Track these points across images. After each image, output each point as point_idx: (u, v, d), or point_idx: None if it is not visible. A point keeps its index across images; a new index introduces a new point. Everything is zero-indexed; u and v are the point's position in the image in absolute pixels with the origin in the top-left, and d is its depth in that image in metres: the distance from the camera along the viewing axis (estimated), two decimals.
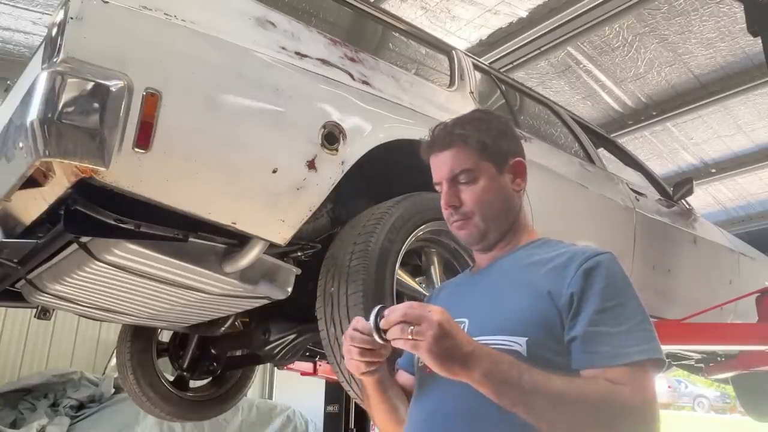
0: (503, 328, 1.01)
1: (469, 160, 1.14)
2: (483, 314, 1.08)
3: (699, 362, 3.73)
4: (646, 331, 0.96)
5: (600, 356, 0.94)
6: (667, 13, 4.22)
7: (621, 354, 0.93)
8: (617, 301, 0.97)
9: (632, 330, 0.95)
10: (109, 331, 6.51)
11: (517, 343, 0.97)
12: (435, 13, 4.30)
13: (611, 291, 0.98)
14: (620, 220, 2.93)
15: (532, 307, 1.01)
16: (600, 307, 0.96)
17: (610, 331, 0.95)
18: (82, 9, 1.31)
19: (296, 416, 6.78)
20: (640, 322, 0.97)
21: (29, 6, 4.28)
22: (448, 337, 0.87)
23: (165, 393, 2.79)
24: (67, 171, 1.30)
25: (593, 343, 0.95)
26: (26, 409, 5.41)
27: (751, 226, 6.96)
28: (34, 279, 1.88)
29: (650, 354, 0.94)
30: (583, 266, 1.00)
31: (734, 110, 5.29)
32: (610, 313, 0.96)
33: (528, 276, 1.06)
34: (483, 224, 1.14)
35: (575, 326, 0.96)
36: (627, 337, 0.94)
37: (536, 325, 0.99)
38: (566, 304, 0.98)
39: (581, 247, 1.07)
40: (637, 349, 0.93)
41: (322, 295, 1.73)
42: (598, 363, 0.94)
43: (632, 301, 0.99)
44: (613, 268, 1.01)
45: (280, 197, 1.58)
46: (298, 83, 1.66)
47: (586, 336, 0.95)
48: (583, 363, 0.95)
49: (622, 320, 0.96)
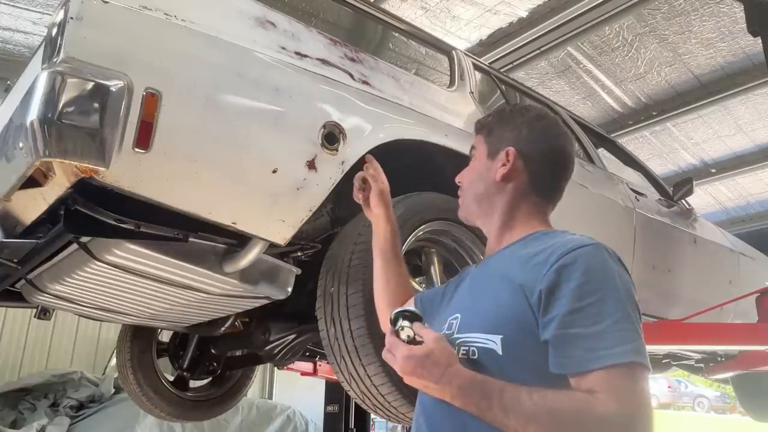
0: (481, 325, 1.00)
1: (476, 140, 1.24)
2: (470, 310, 1.08)
3: (699, 362, 3.72)
4: (624, 331, 0.87)
5: (572, 361, 0.87)
6: (667, 13, 4.21)
7: (593, 358, 0.85)
8: (593, 298, 0.89)
9: (608, 330, 0.87)
10: (109, 331, 6.51)
11: (492, 341, 0.96)
12: (435, 13, 4.30)
13: (586, 288, 0.90)
14: (620, 220, 2.92)
15: (506, 303, 0.97)
16: (572, 307, 0.89)
17: (582, 333, 0.87)
18: (82, 9, 1.31)
19: (296, 416, 6.79)
20: (617, 321, 0.88)
21: (29, 6, 4.28)
22: (422, 361, 0.92)
23: (165, 393, 2.80)
24: (67, 171, 1.30)
25: (564, 346, 0.88)
26: (26, 409, 5.41)
27: (751, 226, 6.96)
28: (34, 279, 1.88)
29: (628, 356, 0.85)
30: (558, 262, 0.93)
31: (734, 110, 5.28)
32: (583, 313, 0.88)
33: (509, 271, 1.03)
34: (465, 203, 1.22)
35: (547, 328, 0.90)
36: (602, 339, 0.86)
37: (511, 322, 0.95)
38: (536, 302, 0.92)
39: (566, 240, 1.00)
40: (611, 351, 0.85)
41: (322, 295, 1.74)
42: (571, 368, 0.87)
43: (611, 298, 0.90)
44: (592, 262, 0.93)
45: (280, 197, 1.58)
46: (298, 83, 1.66)
47: (556, 339, 0.89)
48: (556, 368, 0.89)
49: (597, 320, 0.87)
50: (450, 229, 1.95)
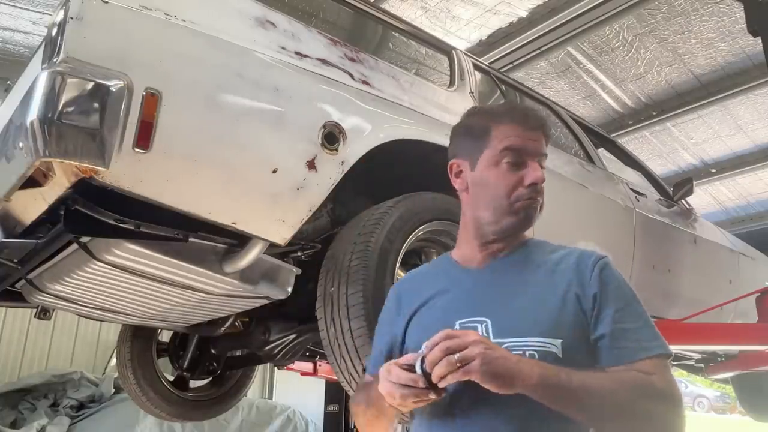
0: (536, 329, 1.01)
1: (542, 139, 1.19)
2: (507, 315, 1.04)
3: (699, 362, 3.73)
4: (654, 327, 1.04)
5: (628, 351, 1.00)
6: (667, 13, 4.21)
7: (644, 348, 1.00)
8: (628, 299, 1.05)
9: (647, 326, 1.03)
10: (109, 331, 6.51)
11: (553, 344, 1.00)
12: (435, 13, 4.30)
13: (623, 290, 1.06)
14: (620, 220, 2.92)
15: (562, 309, 1.04)
16: (619, 306, 1.03)
17: (632, 327, 1.02)
18: (82, 9, 1.31)
19: (296, 416, 6.78)
20: (648, 318, 1.05)
21: (29, 6, 4.27)
22: (495, 351, 0.89)
23: (165, 393, 2.80)
24: (67, 171, 1.30)
25: (620, 339, 1.01)
26: (26, 409, 5.42)
27: (751, 226, 6.95)
28: (34, 279, 1.88)
29: (666, 348, 1.02)
30: (596, 266, 1.06)
31: (734, 110, 5.28)
32: (627, 311, 1.03)
33: (547, 277, 1.09)
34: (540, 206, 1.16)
35: (601, 325, 1.02)
36: (646, 332, 1.02)
37: (569, 326, 1.02)
38: (590, 305, 1.03)
39: (583, 249, 1.13)
40: (656, 343, 1.01)
41: (322, 295, 1.73)
42: (627, 358, 0.99)
43: (637, 299, 1.06)
44: (614, 269, 1.09)
45: (280, 197, 1.58)
46: (298, 83, 1.66)
47: (613, 333, 1.01)
48: (612, 359, 1.00)
49: (637, 317, 1.03)
50: (449, 229, 1.94)
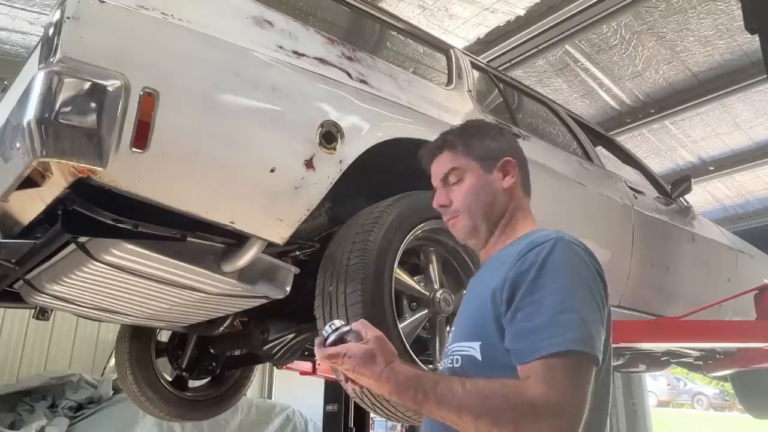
0: (464, 333, 1.05)
1: (455, 161, 1.20)
2: (459, 321, 1.12)
3: (698, 360, 3.73)
4: (568, 321, 0.89)
5: (519, 354, 0.91)
6: (665, 10, 4.21)
7: (534, 349, 0.89)
8: (543, 292, 0.92)
9: (551, 322, 0.89)
10: (108, 332, 6.50)
11: (472, 347, 1.00)
12: (433, 11, 4.29)
13: (537, 282, 0.93)
14: (618, 218, 2.93)
15: (483, 309, 1.01)
16: (523, 303, 0.93)
17: (528, 326, 0.91)
18: (78, 9, 1.31)
19: (296, 416, 6.78)
20: (562, 312, 0.90)
21: (26, 6, 4.26)
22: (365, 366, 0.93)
23: (164, 393, 2.79)
24: (64, 171, 1.29)
25: (515, 340, 0.93)
26: (25, 410, 5.41)
27: (750, 223, 6.95)
28: (32, 279, 1.87)
29: (566, 345, 0.87)
30: (518, 261, 0.98)
31: (732, 108, 5.28)
32: (531, 307, 0.92)
33: (491, 275, 1.05)
34: (470, 221, 1.17)
35: (508, 324, 0.95)
36: (544, 330, 0.89)
37: (486, 326, 0.99)
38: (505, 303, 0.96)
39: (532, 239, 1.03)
40: (550, 341, 0.87)
41: (320, 294, 1.73)
42: (518, 360, 0.91)
43: (558, 290, 0.92)
44: (545, 256, 0.96)
45: (278, 196, 1.58)
46: (296, 82, 1.66)
47: (510, 334, 0.94)
48: (515, 361, 0.92)
49: (542, 312, 0.90)
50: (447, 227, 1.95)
